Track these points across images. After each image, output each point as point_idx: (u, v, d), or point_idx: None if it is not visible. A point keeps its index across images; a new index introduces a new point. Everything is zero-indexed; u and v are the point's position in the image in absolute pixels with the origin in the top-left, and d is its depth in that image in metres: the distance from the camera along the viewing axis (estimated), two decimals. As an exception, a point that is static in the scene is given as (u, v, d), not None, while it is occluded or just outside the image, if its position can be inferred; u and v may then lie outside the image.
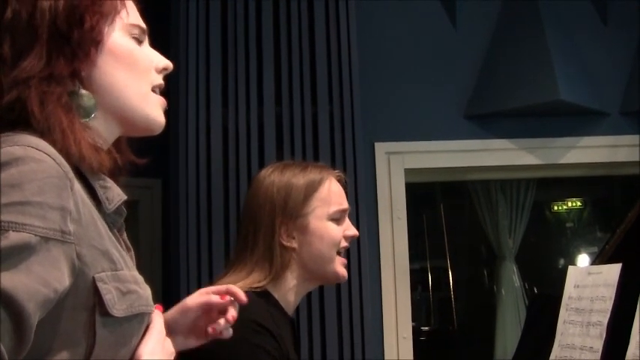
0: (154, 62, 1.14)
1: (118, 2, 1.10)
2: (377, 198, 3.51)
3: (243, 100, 3.16)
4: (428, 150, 3.60)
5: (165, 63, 1.16)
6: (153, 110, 1.12)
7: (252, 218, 1.77)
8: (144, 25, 1.14)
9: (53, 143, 0.95)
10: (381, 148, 3.55)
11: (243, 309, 1.64)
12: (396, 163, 3.56)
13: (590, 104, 3.64)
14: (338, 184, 1.83)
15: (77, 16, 1.03)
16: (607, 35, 3.79)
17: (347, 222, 1.82)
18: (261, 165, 3.06)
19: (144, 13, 1.16)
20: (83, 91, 1.04)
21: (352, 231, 1.82)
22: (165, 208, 3.69)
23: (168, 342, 1.10)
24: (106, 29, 1.07)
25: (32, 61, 0.99)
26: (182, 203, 3.09)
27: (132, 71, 1.09)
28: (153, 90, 1.13)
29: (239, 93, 3.17)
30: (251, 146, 3.14)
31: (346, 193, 1.87)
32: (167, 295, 3.20)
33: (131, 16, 1.12)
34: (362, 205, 3.15)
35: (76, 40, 1.03)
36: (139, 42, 1.13)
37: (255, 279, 1.71)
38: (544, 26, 3.57)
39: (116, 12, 1.09)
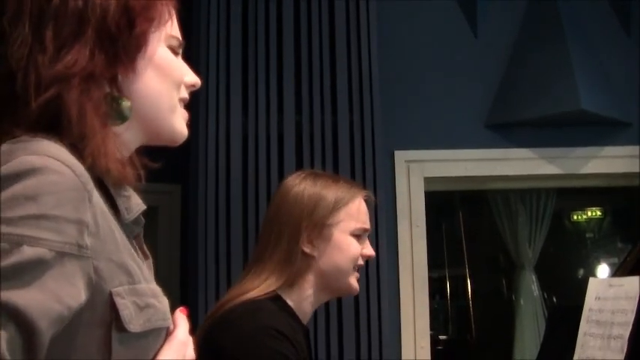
0: (185, 76, 1.12)
1: (167, 11, 1.07)
2: (396, 206, 3.51)
3: (263, 108, 3.17)
4: (448, 158, 3.59)
5: (195, 80, 1.14)
6: (179, 122, 1.10)
7: (277, 220, 1.79)
8: (181, 38, 1.12)
9: (78, 152, 0.91)
10: (400, 157, 3.55)
11: (259, 315, 1.65)
12: (416, 172, 3.55)
13: (612, 114, 3.61)
14: (364, 204, 1.87)
15: (128, 20, 0.99)
16: (629, 46, 3.76)
17: (366, 242, 1.87)
18: (281, 173, 3.07)
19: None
20: (123, 98, 1.00)
21: (369, 251, 1.86)
22: (185, 213, 3.70)
23: (190, 348, 1.06)
24: (152, 36, 1.04)
25: (75, 56, 0.93)
26: (201, 210, 3.10)
27: (167, 82, 1.07)
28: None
29: (259, 101, 3.18)
30: (270, 154, 3.15)
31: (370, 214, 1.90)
32: (185, 302, 3.21)
33: (173, 26, 1.10)
34: (381, 213, 3.15)
35: (122, 44, 0.99)
36: (175, 54, 1.10)
37: (271, 284, 1.73)
38: (566, 36, 3.55)
39: (164, 21, 1.06)
